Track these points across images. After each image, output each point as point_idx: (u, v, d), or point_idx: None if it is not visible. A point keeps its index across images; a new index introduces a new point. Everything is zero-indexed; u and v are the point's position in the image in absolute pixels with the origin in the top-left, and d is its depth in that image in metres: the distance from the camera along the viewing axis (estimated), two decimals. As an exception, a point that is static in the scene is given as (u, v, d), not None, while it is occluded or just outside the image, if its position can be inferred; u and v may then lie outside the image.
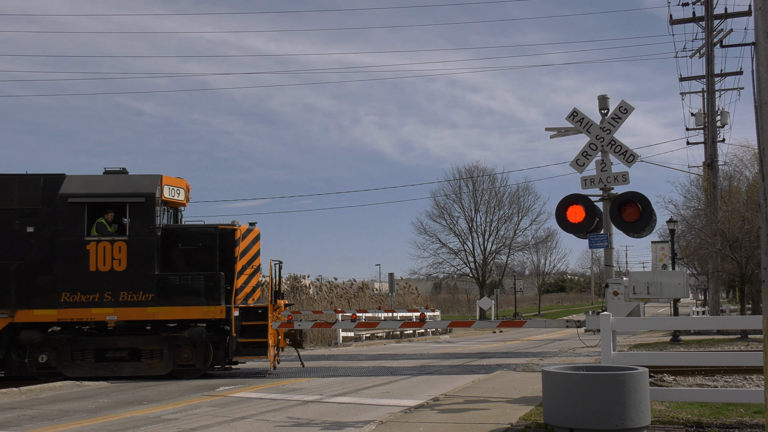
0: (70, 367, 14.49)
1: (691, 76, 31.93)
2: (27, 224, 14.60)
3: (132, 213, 14.61)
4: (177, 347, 14.68)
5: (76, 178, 14.92)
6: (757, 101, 5.92)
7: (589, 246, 11.41)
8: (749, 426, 7.82)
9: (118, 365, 14.61)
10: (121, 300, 14.39)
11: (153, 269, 14.50)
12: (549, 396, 7.06)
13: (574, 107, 11.67)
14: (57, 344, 14.51)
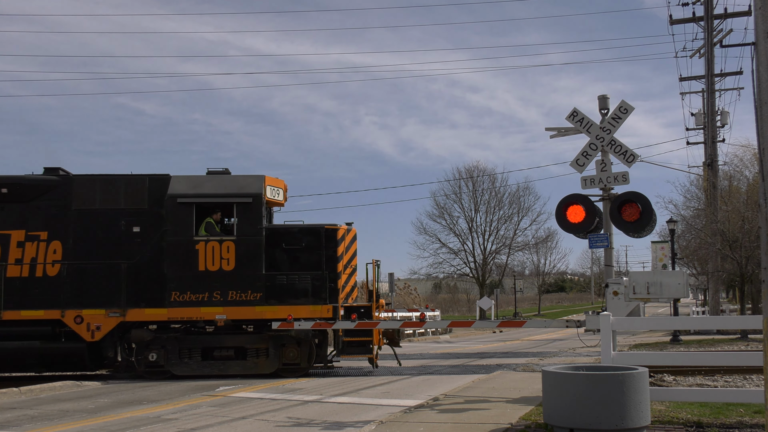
0: (178, 365, 14.63)
1: (691, 76, 31.95)
2: (133, 224, 14.81)
3: (239, 213, 14.76)
4: (282, 346, 14.75)
5: (182, 178, 15.12)
6: (757, 101, 5.92)
7: (589, 246, 11.42)
8: (749, 426, 7.82)
9: (224, 364, 14.73)
10: (230, 299, 14.55)
11: (260, 269, 14.65)
12: (549, 396, 7.06)
13: (574, 107, 11.68)
14: (165, 343, 14.63)
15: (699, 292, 55.33)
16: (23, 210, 14.70)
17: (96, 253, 14.68)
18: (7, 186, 14.71)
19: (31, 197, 14.77)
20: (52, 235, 14.68)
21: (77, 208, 14.79)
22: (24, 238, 14.64)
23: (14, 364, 14.54)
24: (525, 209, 60.91)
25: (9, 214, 14.69)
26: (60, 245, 14.66)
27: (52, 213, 14.74)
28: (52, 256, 14.65)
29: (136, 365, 14.68)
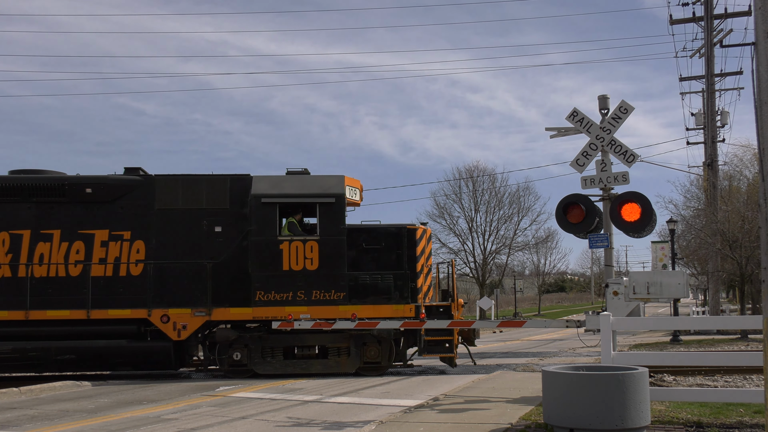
0: (261, 364, 14.69)
1: (691, 76, 31.96)
2: (215, 224, 14.96)
3: (322, 213, 14.88)
4: (363, 345, 14.81)
5: (263, 178, 15.23)
6: (757, 101, 5.92)
7: (589, 246, 11.42)
8: (749, 426, 7.82)
9: (306, 363, 14.80)
10: (314, 299, 14.65)
11: (343, 268, 14.74)
12: (549, 396, 7.06)
13: (574, 107, 11.68)
14: (248, 342, 14.70)
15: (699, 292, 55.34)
16: (106, 210, 14.93)
17: (178, 253, 14.86)
18: (91, 186, 14.93)
19: (114, 197, 14.98)
20: (135, 234, 14.88)
21: (160, 207, 14.99)
22: (108, 237, 14.84)
23: (102, 362, 14.69)
24: (525, 209, 60.91)
25: (93, 213, 14.92)
26: (143, 245, 14.86)
27: (134, 213, 14.95)
28: (136, 256, 14.84)
29: (218, 364, 14.80)
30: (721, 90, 31.67)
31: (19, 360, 14.27)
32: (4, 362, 14.28)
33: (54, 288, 14.57)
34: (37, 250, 14.73)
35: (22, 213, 14.81)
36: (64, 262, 14.70)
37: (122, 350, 14.47)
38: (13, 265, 14.63)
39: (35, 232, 14.76)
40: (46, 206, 14.88)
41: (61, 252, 14.74)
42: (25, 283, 14.54)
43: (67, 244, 14.76)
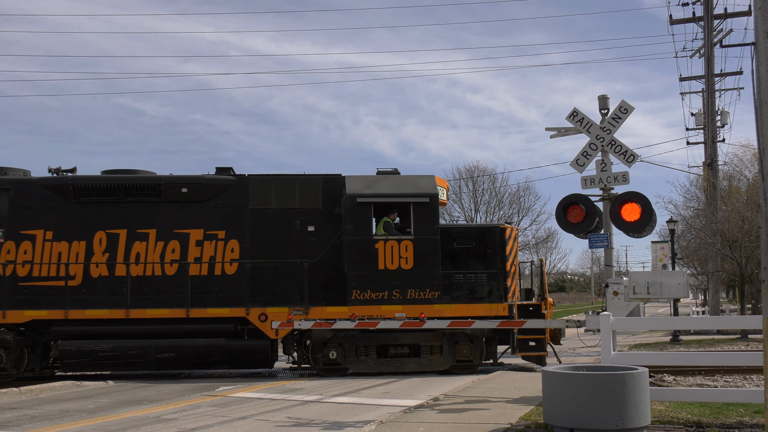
0: (355, 363, 14.76)
1: (691, 76, 31.97)
2: (308, 223, 15.08)
3: (416, 212, 14.93)
4: (455, 343, 14.86)
5: (356, 178, 15.33)
6: (757, 101, 5.93)
7: (589, 246, 11.43)
8: (749, 426, 7.82)
9: (400, 361, 14.84)
10: (409, 297, 14.70)
11: (438, 267, 14.79)
12: (549, 396, 7.06)
13: (575, 107, 11.68)
14: (342, 341, 14.75)
15: (699, 292, 55.32)
16: (201, 209, 15.09)
17: (272, 252, 14.96)
18: (187, 186, 15.08)
19: (209, 197, 15.12)
20: (229, 234, 15.02)
21: (253, 207, 15.10)
22: (202, 237, 15.01)
23: (201, 360, 14.73)
24: (525, 209, 60.82)
25: (188, 213, 15.07)
26: (237, 244, 14.99)
27: (229, 212, 15.08)
28: (230, 255, 14.97)
29: (312, 362, 14.87)
30: (721, 90, 31.71)
31: (119, 358, 14.42)
32: (105, 360, 14.44)
33: (150, 287, 14.76)
34: (133, 249, 14.90)
35: (118, 213, 15.00)
36: (160, 261, 14.89)
37: (220, 348, 14.56)
38: (110, 264, 14.81)
39: (131, 231, 14.93)
40: (142, 206, 15.05)
41: (157, 251, 14.93)
42: (123, 282, 14.69)
43: (163, 243, 14.94)
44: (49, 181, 15.04)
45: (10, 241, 14.73)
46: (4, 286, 14.50)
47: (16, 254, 14.72)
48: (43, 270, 14.71)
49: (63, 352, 14.33)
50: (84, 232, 14.85)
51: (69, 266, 14.66)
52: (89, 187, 14.94)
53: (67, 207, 14.90)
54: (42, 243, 14.79)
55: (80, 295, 14.59)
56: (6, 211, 14.82)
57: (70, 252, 14.78)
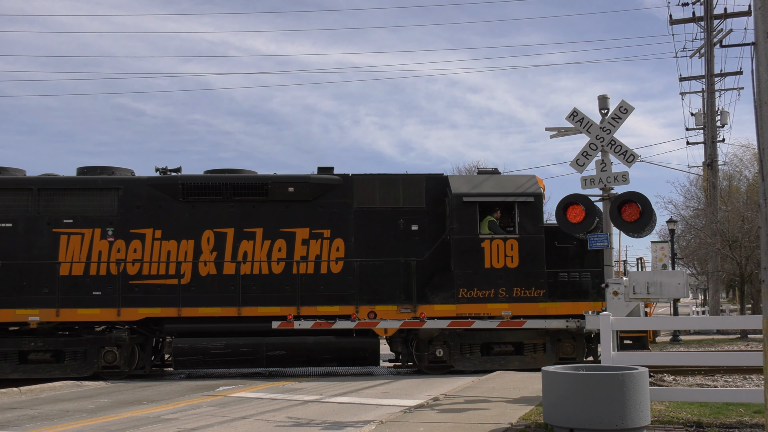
0: (460, 361, 14.86)
1: (691, 76, 31.95)
2: (412, 222, 15.28)
3: (521, 212, 15.06)
4: (558, 341, 14.93)
5: (459, 177, 15.65)
6: (757, 101, 5.93)
7: (589, 246, 11.42)
8: (749, 426, 7.82)
9: (504, 359, 14.95)
10: (515, 296, 14.81)
11: (543, 266, 14.90)
12: (549, 396, 7.06)
13: (574, 107, 11.67)
14: (448, 339, 14.86)
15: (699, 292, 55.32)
16: (307, 209, 15.28)
17: (376, 251, 15.11)
18: (294, 185, 15.24)
19: (314, 196, 15.32)
20: (334, 233, 15.22)
21: (358, 207, 15.28)
22: (308, 236, 15.19)
23: (311, 358, 14.88)
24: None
25: (294, 212, 15.27)
26: (342, 243, 15.18)
27: (334, 212, 15.30)
28: (335, 254, 15.16)
29: (417, 360, 14.95)
30: (721, 90, 31.67)
31: (231, 356, 14.60)
32: (217, 358, 14.60)
33: (258, 285, 14.94)
34: (240, 248, 15.08)
35: (225, 212, 15.19)
36: (267, 259, 15.06)
37: (330, 346, 14.70)
38: (218, 263, 15.00)
39: (238, 230, 15.12)
40: (249, 205, 15.23)
41: (264, 250, 15.11)
42: (232, 280, 14.89)
43: (270, 242, 15.11)
44: (158, 180, 15.30)
45: (120, 239, 14.96)
46: (117, 284, 14.70)
47: (126, 253, 14.94)
48: (153, 268, 14.93)
49: (176, 349, 14.56)
50: (192, 231, 15.09)
51: (178, 264, 14.88)
52: (198, 186, 15.16)
53: (176, 206, 15.15)
54: (151, 242, 15.02)
55: (189, 293, 14.80)
56: (116, 211, 15.08)
57: (179, 251, 15.03)
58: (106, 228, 14.94)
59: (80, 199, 15.06)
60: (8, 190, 15.07)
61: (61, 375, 14.36)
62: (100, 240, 14.89)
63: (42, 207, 14.96)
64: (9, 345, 14.60)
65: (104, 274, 14.80)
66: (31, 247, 14.83)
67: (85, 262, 14.80)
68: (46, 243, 14.85)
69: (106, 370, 14.63)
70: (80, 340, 14.74)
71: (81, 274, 14.76)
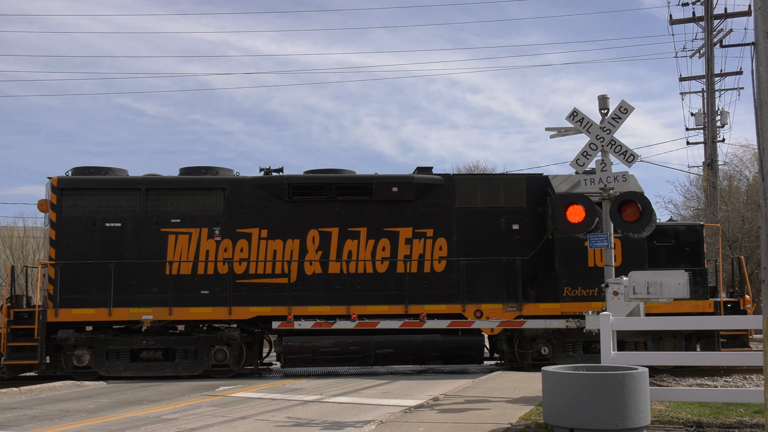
0: (563, 359, 14.90)
1: (691, 76, 31.91)
2: (513, 222, 15.44)
3: None
4: (659, 339, 14.97)
5: (561, 177, 15.56)
6: (757, 101, 5.93)
7: (589, 246, 11.41)
8: (749, 426, 7.82)
9: None
10: None
11: (644, 265, 14.93)
12: (549, 396, 7.07)
13: (574, 107, 11.66)
14: (551, 337, 14.96)
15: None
16: (409, 208, 15.42)
17: (478, 250, 15.18)
18: (398, 185, 15.40)
19: (417, 196, 15.47)
20: (437, 232, 15.37)
21: (460, 206, 15.39)
22: (411, 235, 15.33)
23: (417, 356, 15.02)
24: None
25: (397, 212, 15.40)
26: (445, 242, 15.31)
27: (436, 211, 15.43)
28: (438, 253, 15.27)
29: (520, 358, 15.05)
30: (721, 90, 31.63)
31: (340, 354, 14.76)
32: (327, 356, 14.76)
33: (362, 284, 15.09)
34: (345, 247, 15.23)
35: (329, 211, 15.35)
36: (371, 258, 15.21)
37: (436, 344, 14.85)
38: (323, 262, 15.16)
39: (343, 229, 15.27)
40: (353, 204, 15.37)
41: (368, 249, 15.27)
42: (337, 279, 15.07)
43: (374, 241, 15.27)
44: (264, 180, 15.44)
45: (227, 239, 15.12)
46: (226, 283, 14.87)
47: (233, 252, 15.10)
48: (260, 268, 15.08)
49: (287, 347, 14.66)
50: (298, 231, 15.24)
51: (286, 264, 15.04)
52: (303, 186, 15.33)
53: (282, 206, 15.30)
54: (258, 241, 15.17)
55: (296, 291, 14.93)
56: (222, 210, 15.23)
57: (285, 250, 15.17)
58: (212, 227, 15.15)
59: (187, 199, 15.27)
60: (117, 191, 15.28)
61: (173, 373, 14.66)
62: (207, 239, 15.11)
63: (150, 207, 15.16)
64: (121, 343, 14.76)
65: (211, 273, 15.00)
66: (140, 246, 15.02)
67: (193, 262, 15.01)
68: (155, 242, 15.04)
69: (215, 368, 14.78)
70: (191, 339, 14.88)
71: (189, 273, 14.98)
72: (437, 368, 16.27)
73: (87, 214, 15.02)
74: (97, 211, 15.05)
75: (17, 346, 14.26)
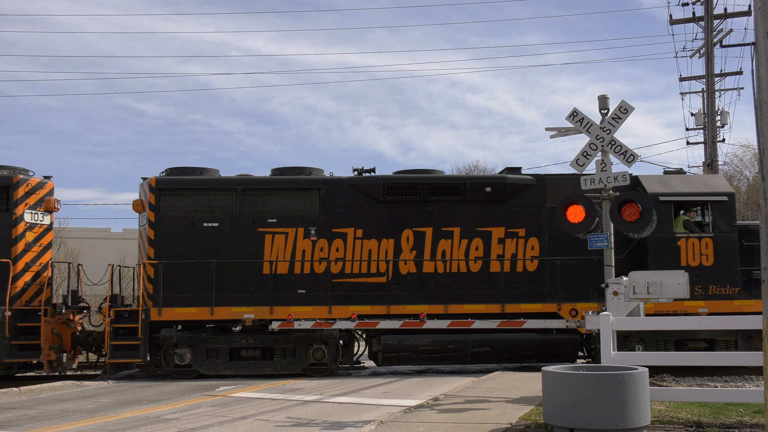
0: None
1: (691, 76, 31.92)
2: None
3: (715, 211, 15.28)
4: (750, 338, 14.98)
5: (651, 178, 15.77)
6: (757, 101, 5.93)
7: (589, 246, 11.41)
8: (749, 426, 7.83)
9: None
10: (710, 293, 15.01)
11: (736, 264, 15.05)
12: (549, 396, 7.06)
13: (574, 107, 11.66)
14: (644, 335, 15.02)
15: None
16: (501, 208, 15.62)
17: (568, 249, 15.17)
18: (491, 186, 15.61)
19: (510, 196, 15.66)
20: (529, 231, 15.57)
21: (551, 206, 15.39)
22: (504, 234, 15.55)
23: (514, 354, 15.16)
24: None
25: (490, 212, 15.60)
26: (537, 242, 15.53)
27: (528, 211, 15.65)
28: (530, 252, 15.52)
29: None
30: (721, 90, 31.64)
31: (437, 352, 14.89)
32: (424, 355, 14.90)
33: (456, 283, 15.23)
34: (439, 246, 15.42)
35: (423, 211, 15.54)
36: (465, 258, 15.37)
37: (533, 343, 14.96)
38: (417, 261, 15.35)
39: (437, 229, 15.46)
40: (446, 205, 15.54)
41: (461, 249, 15.46)
42: (431, 279, 15.25)
43: (467, 241, 15.44)
44: (359, 180, 15.68)
45: (323, 239, 15.33)
46: (325, 283, 15.07)
47: (329, 252, 15.30)
48: (355, 267, 15.30)
49: (386, 346, 14.82)
50: (392, 230, 15.46)
51: (382, 263, 15.27)
52: (397, 186, 15.52)
53: (376, 206, 15.53)
54: (353, 241, 15.40)
55: (391, 291, 15.09)
56: (317, 210, 15.45)
57: (380, 249, 15.39)
58: (308, 227, 15.35)
59: (283, 199, 15.49)
60: (213, 191, 15.48)
61: (272, 372, 14.80)
62: (303, 239, 15.30)
63: (247, 207, 15.36)
64: (221, 342, 14.90)
65: (308, 273, 15.20)
66: (237, 246, 15.21)
67: (290, 261, 15.19)
68: (252, 242, 15.22)
69: (313, 367, 14.93)
70: (289, 338, 14.96)
71: (285, 273, 15.16)
72: (437, 368, 16.28)
73: (185, 214, 15.27)
74: (195, 211, 15.30)
75: (118, 344, 14.46)
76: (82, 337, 15.29)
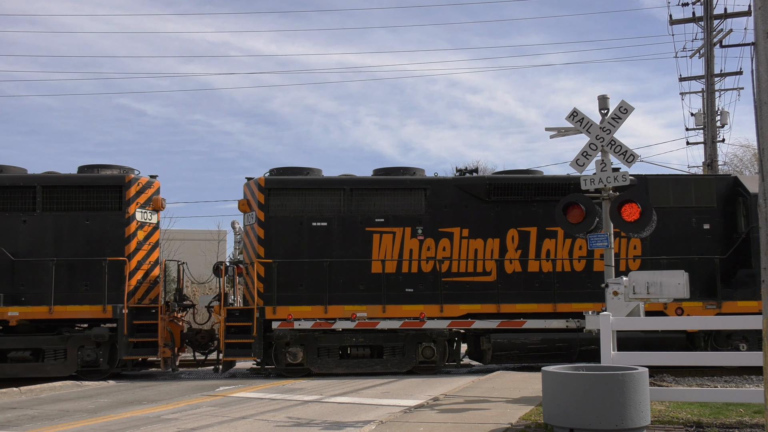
0: None
1: (691, 77, 31.89)
2: (703, 221, 15.77)
3: None
4: None
5: (750, 178, 15.91)
6: (757, 101, 5.93)
7: (589, 246, 11.41)
8: (749, 426, 7.82)
9: None
10: None
11: None
12: (549, 396, 7.06)
13: (574, 107, 11.66)
14: (746, 334, 15.08)
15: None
16: None
17: (670, 249, 15.43)
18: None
19: None
20: None
21: (654, 206, 15.43)
22: None
23: (537, 355, 15.20)
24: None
25: None
26: (639, 242, 15.61)
27: None
28: (633, 252, 15.69)
29: None
30: (721, 90, 31.61)
31: (546, 351, 15.05)
32: (533, 353, 15.09)
33: (561, 282, 15.37)
34: (543, 246, 15.61)
35: (527, 211, 15.70)
36: (569, 257, 15.56)
37: (639, 341, 14.79)
38: (522, 261, 15.56)
39: (541, 229, 15.63)
40: (551, 205, 15.40)
41: (565, 248, 15.65)
42: (537, 278, 15.45)
43: (570, 240, 15.58)
44: (464, 180, 15.89)
45: (430, 238, 15.47)
46: (435, 282, 15.19)
47: (435, 251, 15.44)
48: (462, 266, 15.45)
49: (496, 344, 14.98)
50: (497, 230, 15.62)
51: (488, 262, 15.43)
52: (503, 186, 15.68)
53: (481, 205, 15.67)
54: (459, 240, 15.54)
55: (497, 289, 15.21)
56: (423, 210, 15.60)
57: (486, 249, 15.54)
58: (415, 227, 15.51)
59: (389, 198, 15.67)
60: (321, 191, 15.66)
61: (382, 370, 14.93)
62: (410, 238, 15.46)
63: (354, 206, 15.54)
64: (332, 341, 15.01)
65: (415, 272, 15.35)
66: (346, 245, 15.38)
67: (397, 260, 15.35)
68: (360, 241, 15.41)
69: (422, 365, 15.04)
70: (398, 336, 15.05)
71: (393, 272, 15.31)
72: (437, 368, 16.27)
73: (294, 214, 15.45)
74: (303, 211, 15.47)
75: (230, 342, 14.63)
76: (191, 335, 15.50)
